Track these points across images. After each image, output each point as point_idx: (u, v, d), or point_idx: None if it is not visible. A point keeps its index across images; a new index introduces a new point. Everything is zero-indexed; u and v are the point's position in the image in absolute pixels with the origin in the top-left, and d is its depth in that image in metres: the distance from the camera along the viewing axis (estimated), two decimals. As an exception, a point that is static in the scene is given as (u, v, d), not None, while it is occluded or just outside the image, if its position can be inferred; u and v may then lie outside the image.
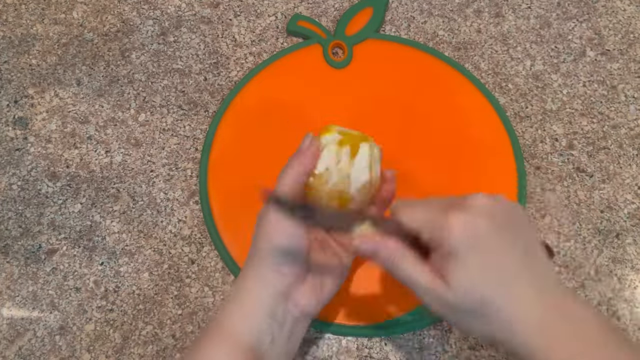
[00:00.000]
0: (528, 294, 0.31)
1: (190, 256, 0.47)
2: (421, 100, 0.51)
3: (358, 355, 0.43)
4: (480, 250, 0.31)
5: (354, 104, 0.51)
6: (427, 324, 0.44)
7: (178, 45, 0.55)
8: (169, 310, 0.45)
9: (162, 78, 0.53)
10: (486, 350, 0.43)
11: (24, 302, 0.46)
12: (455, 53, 0.54)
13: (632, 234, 0.47)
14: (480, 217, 0.31)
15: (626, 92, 0.52)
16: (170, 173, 0.50)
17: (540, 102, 0.52)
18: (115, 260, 0.47)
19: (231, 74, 0.54)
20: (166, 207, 0.49)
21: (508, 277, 0.31)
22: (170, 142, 0.51)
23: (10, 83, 0.53)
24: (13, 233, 0.48)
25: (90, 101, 0.53)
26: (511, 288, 0.31)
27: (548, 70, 0.53)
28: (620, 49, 0.54)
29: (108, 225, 0.48)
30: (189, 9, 0.57)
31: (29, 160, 0.50)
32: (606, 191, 0.49)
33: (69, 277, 0.46)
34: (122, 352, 0.44)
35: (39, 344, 0.44)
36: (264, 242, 0.36)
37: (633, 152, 0.50)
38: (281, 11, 0.56)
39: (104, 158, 0.50)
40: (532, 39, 0.55)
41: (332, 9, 0.56)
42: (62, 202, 0.49)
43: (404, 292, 0.44)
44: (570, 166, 0.50)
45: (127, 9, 0.57)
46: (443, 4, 0.56)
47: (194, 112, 0.52)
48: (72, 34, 0.55)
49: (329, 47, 0.53)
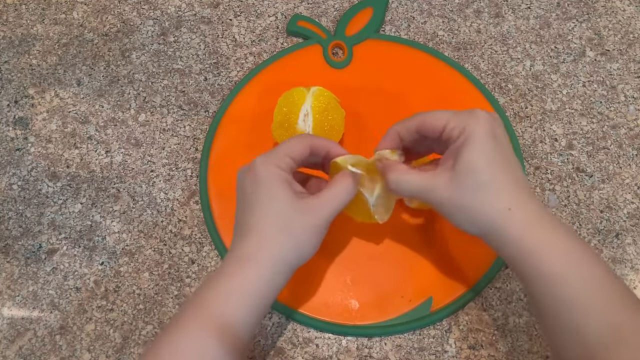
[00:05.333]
0: (524, 191, 0.36)
1: (191, 256, 0.47)
2: (421, 100, 0.51)
3: (358, 355, 0.44)
4: (494, 141, 0.36)
5: (354, 104, 0.51)
6: (427, 323, 0.44)
7: (178, 46, 0.55)
8: (169, 310, 0.45)
9: (162, 78, 0.54)
10: (486, 350, 0.43)
11: (25, 301, 0.46)
12: (455, 53, 0.54)
13: (631, 234, 0.47)
14: (496, 121, 0.37)
15: (626, 92, 0.53)
16: (171, 173, 0.50)
17: (539, 102, 0.52)
18: (115, 260, 0.47)
19: (231, 74, 0.54)
20: (166, 207, 0.49)
21: (509, 172, 0.36)
22: (170, 142, 0.51)
23: (11, 83, 0.53)
24: (13, 233, 0.48)
25: (91, 101, 0.53)
26: (510, 181, 0.36)
27: (548, 71, 0.53)
28: (620, 49, 0.54)
29: (108, 225, 0.48)
30: (189, 9, 0.57)
31: (30, 160, 0.50)
32: (606, 191, 0.49)
33: (69, 277, 0.46)
34: (122, 351, 0.44)
35: (39, 344, 0.44)
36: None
37: (632, 152, 0.50)
38: (281, 11, 0.56)
39: (104, 158, 0.50)
40: (532, 39, 0.55)
41: (332, 9, 0.56)
42: (63, 202, 0.49)
43: (404, 292, 0.45)
44: (570, 166, 0.50)
45: (127, 9, 0.57)
46: (443, 4, 0.56)
47: (194, 112, 0.52)
48: (72, 34, 0.56)
49: (329, 47, 0.53)
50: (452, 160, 0.37)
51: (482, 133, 0.36)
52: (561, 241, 0.35)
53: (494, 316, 0.45)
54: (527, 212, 0.35)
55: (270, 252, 0.37)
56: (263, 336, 0.44)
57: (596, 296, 0.33)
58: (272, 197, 0.37)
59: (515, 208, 0.35)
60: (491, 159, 0.35)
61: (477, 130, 0.36)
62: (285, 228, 0.37)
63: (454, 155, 0.36)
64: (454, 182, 0.36)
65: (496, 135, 0.36)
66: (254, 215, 0.38)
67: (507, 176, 0.36)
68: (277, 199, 0.37)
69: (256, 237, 0.37)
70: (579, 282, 0.33)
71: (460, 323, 0.44)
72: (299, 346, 0.44)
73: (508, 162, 0.36)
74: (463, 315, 0.45)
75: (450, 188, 0.36)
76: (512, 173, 0.36)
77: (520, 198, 0.35)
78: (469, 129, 0.36)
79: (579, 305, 0.33)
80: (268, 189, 0.37)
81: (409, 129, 0.39)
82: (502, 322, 0.44)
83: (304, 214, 0.37)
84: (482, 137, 0.35)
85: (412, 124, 0.39)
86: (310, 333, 0.44)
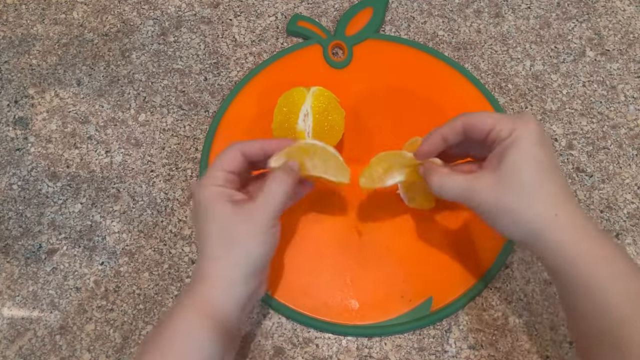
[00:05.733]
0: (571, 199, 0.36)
1: (191, 256, 0.47)
2: (421, 100, 0.51)
3: (358, 355, 0.44)
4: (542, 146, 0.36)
5: (354, 104, 0.51)
6: (427, 323, 0.44)
7: (178, 46, 0.55)
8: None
9: (162, 78, 0.54)
10: (486, 350, 0.43)
11: (25, 301, 0.46)
12: (455, 53, 0.54)
13: (631, 234, 0.47)
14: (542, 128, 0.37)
15: (626, 92, 0.53)
16: (171, 173, 0.50)
17: (539, 102, 0.52)
18: (115, 260, 0.47)
19: (231, 74, 0.54)
20: (166, 207, 0.49)
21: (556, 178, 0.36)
22: (170, 142, 0.51)
23: (11, 83, 0.53)
24: (13, 233, 0.48)
25: (91, 101, 0.53)
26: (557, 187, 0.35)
27: (548, 71, 0.53)
28: (619, 49, 0.54)
29: (108, 225, 0.48)
30: (189, 9, 0.57)
31: (30, 160, 0.50)
32: (606, 191, 0.49)
33: (69, 277, 0.46)
34: (122, 351, 0.44)
35: (39, 344, 0.44)
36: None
37: (632, 152, 0.50)
38: (281, 11, 0.56)
39: (104, 158, 0.50)
40: (532, 39, 0.55)
41: (332, 9, 0.56)
42: (63, 202, 0.49)
43: (404, 292, 0.45)
44: (570, 166, 0.50)
45: (127, 9, 0.57)
46: (443, 4, 0.56)
47: (194, 112, 0.52)
48: (72, 34, 0.56)
49: (329, 47, 0.53)
50: (497, 161, 0.36)
51: (531, 136, 0.35)
52: (606, 250, 0.34)
53: (494, 316, 0.45)
54: (573, 219, 0.35)
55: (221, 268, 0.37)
56: (263, 336, 0.44)
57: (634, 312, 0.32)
58: (212, 216, 0.38)
59: (561, 214, 0.35)
60: (539, 163, 0.35)
61: (526, 134, 0.35)
62: (229, 240, 0.37)
63: (500, 156, 0.36)
64: (499, 184, 0.36)
65: (544, 141, 0.36)
66: (201, 239, 0.38)
67: (555, 182, 0.35)
68: (216, 216, 0.38)
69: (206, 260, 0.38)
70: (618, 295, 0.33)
71: (460, 323, 0.44)
72: (299, 346, 0.44)
73: (555, 169, 0.36)
74: (463, 315, 0.45)
75: (494, 189, 0.36)
76: (558, 180, 0.36)
77: (567, 205, 0.35)
78: (517, 131, 0.36)
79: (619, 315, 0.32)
80: (206, 210, 0.38)
81: (455, 131, 0.39)
82: (502, 322, 0.44)
83: (245, 222, 0.37)
84: (531, 140, 0.35)
85: (459, 125, 0.39)
86: (310, 333, 0.44)
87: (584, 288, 0.34)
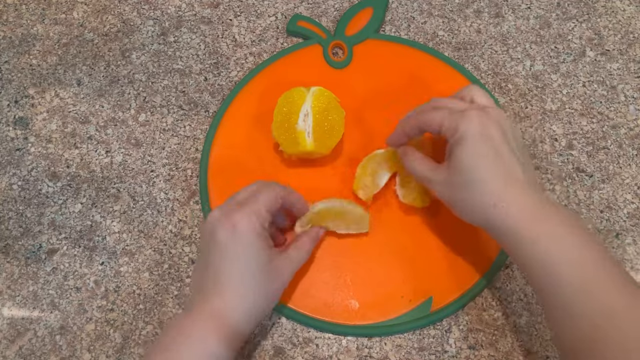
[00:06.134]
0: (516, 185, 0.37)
1: (191, 256, 0.47)
2: (421, 100, 0.51)
3: (358, 355, 0.44)
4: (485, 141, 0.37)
5: (354, 104, 0.51)
6: (427, 323, 0.44)
7: (178, 46, 0.55)
8: (169, 310, 0.45)
9: (163, 78, 0.54)
10: (486, 350, 0.43)
11: (25, 301, 0.46)
12: (455, 53, 0.54)
13: (631, 234, 0.47)
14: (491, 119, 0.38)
15: (626, 92, 0.53)
16: (171, 173, 0.50)
17: (539, 102, 0.52)
18: (115, 260, 0.47)
19: (231, 74, 0.54)
20: (166, 207, 0.49)
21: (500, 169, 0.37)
22: (170, 142, 0.51)
23: (11, 83, 0.53)
24: (13, 233, 0.48)
25: (91, 101, 0.53)
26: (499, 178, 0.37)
27: (548, 71, 0.53)
28: (620, 49, 0.54)
29: (108, 225, 0.48)
30: (189, 9, 0.57)
31: (30, 160, 0.50)
32: (606, 191, 0.49)
33: (70, 277, 0.46)
34: (122, 351, 0.44)
35: (39, 344, 0.44)
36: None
37: (633, 152, 0.50)
38: (281, 11, 0.56)
39: (104, 158, 0.50)
40: (532, 39, 0.55)
41: (332, 9, 0.56)
42: (63, 202, 0.49)
43: (404, 292, 0.45)
44: (570, 166, 0.50)
45: (127, 9, 0.57)
46: (443, 4, 0.57)
47: (194, 112, 0.52)
48: (72, 34, 0.56)
49: (329, 47, 0.53)
50: (447, 157, 0.39)
51: (472, 134, 0.37)
52: (554, 229, 0.36)
53: (494, 316, 0.45)
54: (516, 206, 0.36)
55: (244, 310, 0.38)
56: (263, 336, 0.44)
57: (589, 279, 0.34)
58: (251, 256, 0.38)
59: (500, 203, 0.36)
60: (481, 158, 0.37)
61: (467, 132, 0.37)
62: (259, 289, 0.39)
63: (449, 153, 0.39)
64: (448, 180, 0.39)
65: (488, 135, 0.37)
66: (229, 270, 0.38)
67: (497, 174, 0.37)
68: (255, 258, 0.38)
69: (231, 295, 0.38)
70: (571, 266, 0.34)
71: (460, 323, 0.44)
72: (299, 346, 0.44)
73: (500, 160, 0.37)
74: (463, 315, 0.45)
75: (446, 182, 0.39)
76: (502, 170, 0.37)
77: (509, 193, 0.37)
78: (460, 130, 0.38)
79: (571, 288, 0.34)
80: (247, 246, 0.38)
81: (411, 127, 0.42)
82: (502, 322, 0.44)
83: (275, 279, 0.40)
84: (472, 138, 0.37)
85: (413, 122, 0.42)
86: (310, 333, 0.44)
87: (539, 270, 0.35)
